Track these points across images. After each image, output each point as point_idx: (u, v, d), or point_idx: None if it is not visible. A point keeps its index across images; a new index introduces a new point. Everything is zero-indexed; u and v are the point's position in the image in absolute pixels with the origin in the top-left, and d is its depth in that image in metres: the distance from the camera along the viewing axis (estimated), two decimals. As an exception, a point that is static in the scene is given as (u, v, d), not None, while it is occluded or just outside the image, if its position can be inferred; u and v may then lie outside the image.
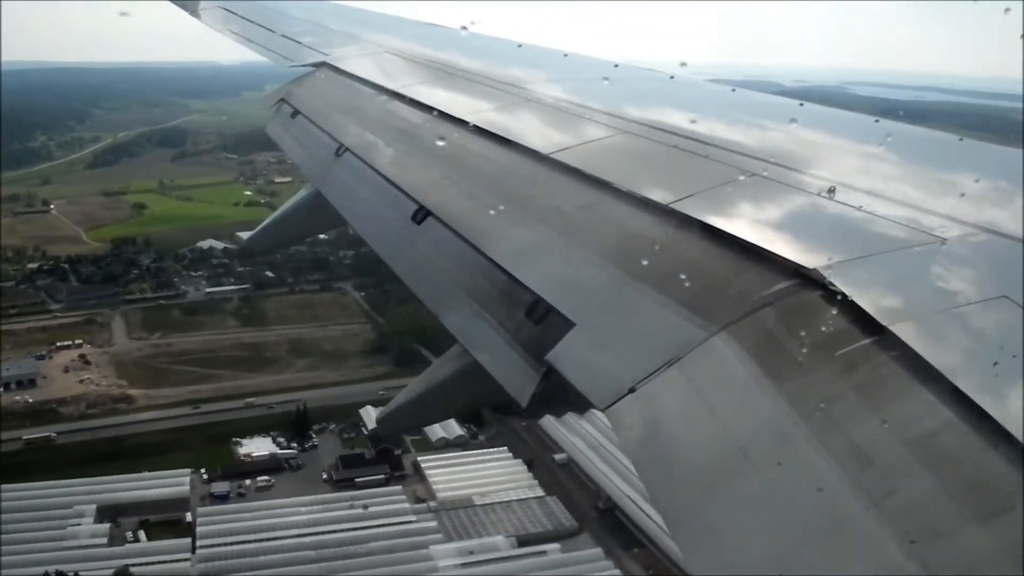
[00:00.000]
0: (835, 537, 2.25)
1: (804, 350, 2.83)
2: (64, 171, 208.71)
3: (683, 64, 6.93)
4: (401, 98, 6.81)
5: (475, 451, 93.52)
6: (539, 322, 3.77)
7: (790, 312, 3.04)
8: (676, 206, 3.88)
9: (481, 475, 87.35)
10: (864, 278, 3.10)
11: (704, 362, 2.98)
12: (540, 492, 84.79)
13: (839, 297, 2.96)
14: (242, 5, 12.61)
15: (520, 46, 8.83)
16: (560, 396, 3.65)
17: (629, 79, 7.38)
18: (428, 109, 6.31)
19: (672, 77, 7.00)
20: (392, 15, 12.91)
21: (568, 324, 3.51)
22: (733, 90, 6.66)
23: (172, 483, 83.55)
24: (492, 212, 4.66)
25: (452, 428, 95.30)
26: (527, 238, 4.33)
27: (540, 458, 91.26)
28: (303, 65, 8.89)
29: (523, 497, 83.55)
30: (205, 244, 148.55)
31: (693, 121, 5.21)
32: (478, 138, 5.51)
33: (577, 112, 5.74)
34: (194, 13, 13.02)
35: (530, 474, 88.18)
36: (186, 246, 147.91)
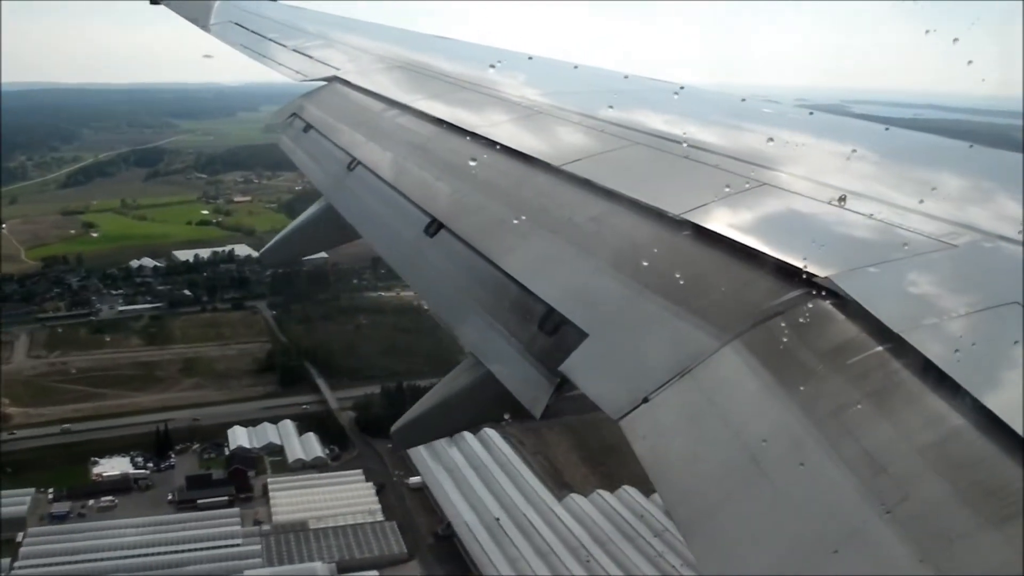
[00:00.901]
0: (849, 544, 2.26)
1: (816, 358, 2.84)
2: (35, 191, 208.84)
3: (681, 88, 6.93)
4: (413, 111, 6.86)
5: (328, 473, 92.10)
6: (552, 333, 3.80)
7: (802, 321, 3.05)
8: (687, 216, 3.90)
9: (325, 498, 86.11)
10: (875, 286, 3.11)
11: (717, 371, 3.00)
12: (380, 517, 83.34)
13: (850, 305, 2.97)
14: (253, 19, 12.71)
15: (531, 58, 8.88)
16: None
17: (641, 90, 7.41)
18: (439, 122, 6.36)
19: (682, 88, 7.03)
20: (402, 28, 13.01)
21: (581, 335, 3.53)
22: (743, 100, 6.68)
23: (12, 503, 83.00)
24: (505, 224, 4.69)
25: (312, 449, 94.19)
26: (540, 249, 4.35)
27: (394, 482, 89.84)
28: (315, 80, 8.96)
29: (359, 522, 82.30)
30: (136, 263, 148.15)
31: (702, 130, 5.23)
32: (490, 150, 5.55)
33: (590, 124, 5.77)
34: (205, 28, 13.14)
35: (376, 498, 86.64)
36: (121, 264, 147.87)
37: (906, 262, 3.29)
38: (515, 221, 4.64)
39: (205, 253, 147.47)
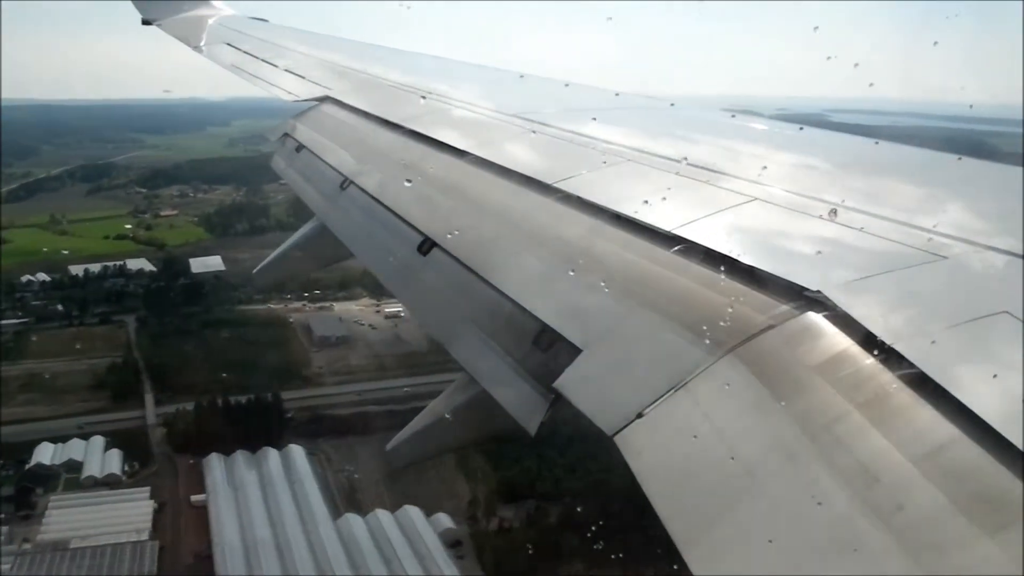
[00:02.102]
0: (845, 555, 2.27)
1: (809, 371, 2.85)
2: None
3: (672, 105, 7.02)
4: (403, 130, 6.89)
5: (115, 491, 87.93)
6: (546, 350, 3.80)
7: (794, 334, 3.06)
8: (679, 232, 3.92)
9: (98, 517, 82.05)
10: (867, 298, 3.13)
11: (710, 385, 3.01)
12: (145, 537, 79.46)
13: (842, 317, 2.99)
14: (245, 40, 12.77)
15: (522, 76, 8.93)
16: None
17: (632, 108, 7.46)
18: (430, 141, 6.38)
19: (672, 105, 7.08)
20: (394, 48, 13.08)
21: (575, 351, 3.54)
22: (733, 116, 6.72)
23: None
24: (497, 241, 4.70)
25: (110, 465, 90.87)
26: (533, 267, 4.37)
27: (179, 500, 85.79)
28: (306, 100, 8.99)
29: (121, 541, 78.16)
30: (27, 278, 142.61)
31: (704, 152, 5.26)
32: (481, 169, 5.57)
33: (584, 143, 5.80)
34: (197, 49, 13.19)
35: (151, 517, 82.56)
36: (15, 280, 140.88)
37: (897, 274, 3.31)
38: (508, 238, 4.66)
39: (96, 268, 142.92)
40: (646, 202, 4.43)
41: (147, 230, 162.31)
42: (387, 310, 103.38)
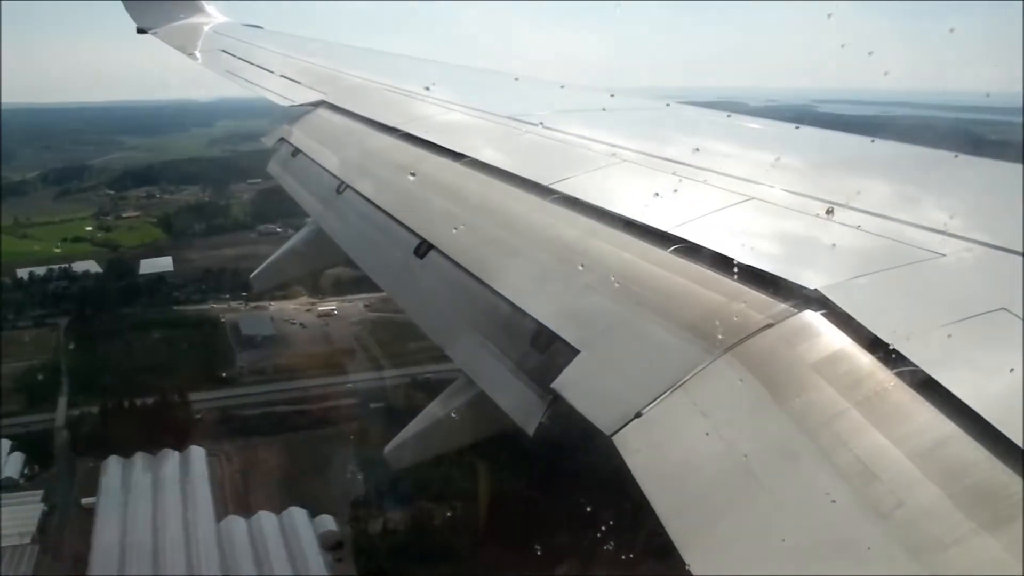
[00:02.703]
0: (844, 553, 2.26)
1: (808, 369, 2.85)
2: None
3: (667, 105, 7.02)
4: (399, 134, 6.89)
5: (8, 494, 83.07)
6: (544, 351, 3.80)
7: (792, 332, 3.06)
8: (676, 231, 3.92)
9: None
10: (865, 296, 3.13)
11: (709, 385, 3.01)
12: (27, 540, 75.69)
13: (841, 316, 2.99)
14: (240, 47, 12.78)
15: (517, 79, 8.94)
16: None
17: (627, 109, 7.47)
18: (426, 144, 6.39)
19: (667, 104, 7.09)
20: (388, 53, 13.10)
21: (573, 352, 3.54)
22: (728, 115, 6.73)
23: None
24: (494, 243, 4.70)
25: (8, 468, 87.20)
26: (530, 268, 4.36)
27: (70, 504, 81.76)
28: (302, 105, 8.99)
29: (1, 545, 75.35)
30: None
31: (696, 150, 5.26)
32: (477, 171, 5.58)
33: (580, 145, 5.81)
34: (193, 57, 13.20)
35: (38, 521, 78.89)
36: None
37: (894, 272, 3.31)
38: (504, 240, 4.66)
39: (42, 271, 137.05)
40: (643, 202, 4.43)
41: (107, 232, 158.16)
42: (320, 309, 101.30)
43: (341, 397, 76.26)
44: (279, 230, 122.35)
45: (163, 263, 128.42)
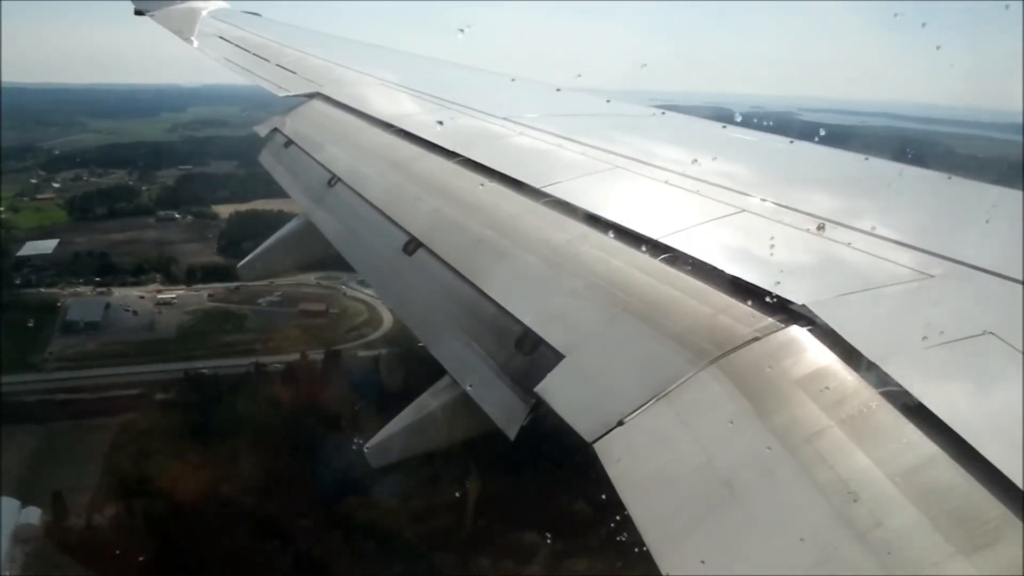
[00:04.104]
0: (821, 569, 2.25)
1: (792, 385, 2.84)
2: None
3: (663, 113, 7.02)
4: (393, 129, 6.87)
5: None
6: (528, 354, 3.78)
7: (778, 347, 3.06)
8: (666, 240, 3.91)
9: None
10: (852, 314, 3.13)
11: (692, 396, 3.00)
12: None
13: (826, 333, 2.99)
14: (238, 34, 12.71)
15: (513, 80, 8.92)
16: None
17: (623, 115, 7.46)
18: (418, 140, 6.37)
19: (663, 112, 7.09)
20: (385, 47, 13.05)
21: (558, 356, 3.52)
22: (723, 126, 6.73)
23: None
24: (482, 244, 4.68)
25: None
26: (517, 270, 4.35)
27: None
28: (296, 95, 8.94)
29: None
30: None
31: (695, 161, 5.26)
32: (469, 171, 5.56)
33: (573, 148, 5.79)
34: (189, 41, 13.11)
35: None
36: None
37: (883, 291, 3.31)
38: (494, 241, 4.64)
39: None
40: (634, 209, 4.42)
41: (15, 212, 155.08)
42: (160, 296, 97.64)
43: (127, 388, 72.94)
44: (177, 216, 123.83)
45: (45, 245, 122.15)
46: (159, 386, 71.02)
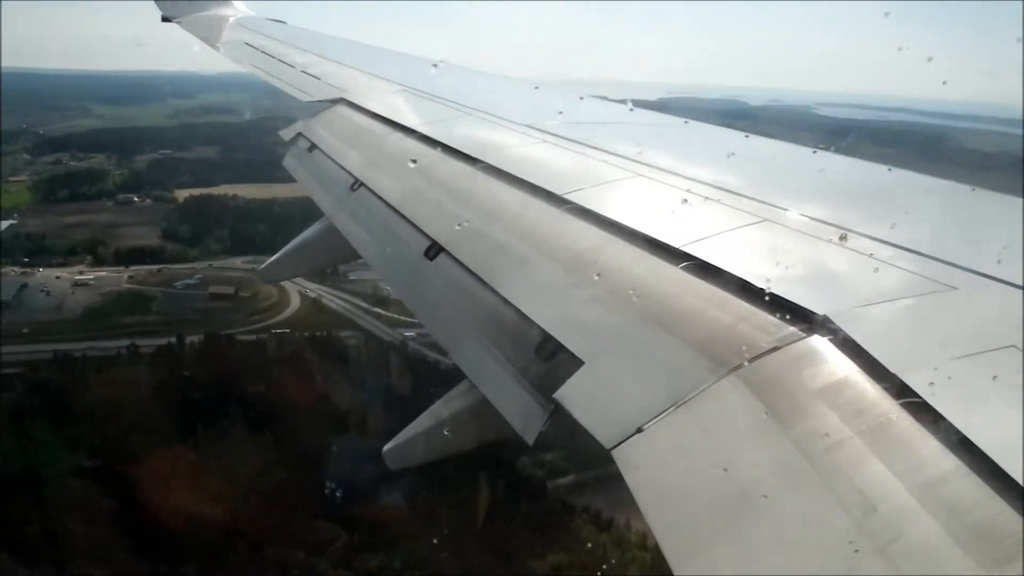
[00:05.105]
0: None
1: (812, 395, 2.83)
2: None
3: (686, 123, 7.00)
4: (416, 135, 6.91)
5: None
6: (548, 360, 3.79)
7: (798, 357, 3.05)
8: (687, 249, 3.91)
9: None
10: (873, 325, 3.11)
11: (712, 404, 2.99)
12: None
13: (848, 343, 2.97)
14: (264, 41, 12.84)
15: (536, 88, 8.95)
16: None
17: (648, 123, 7.47)
18: (442, 147, 6.40)
19: (686, 123, 7.08)
20: (409, 54, 13.12)
21: (577, 363, 3.52)
22: (746, 136, 6.72)
23: None
24: (504, 250, 4.70)
25: None
26: (537, 276, 4.36)
27: None
28: (321, 101, 9.02)
29: None
30: None
31: (717, 170, 5.25)
32: (491, 177, 5.58)
33: (595, 155, 5.80)
34: (216, 48, 13.26)
35: None
36: None
37: (905, 302, 3.29)
38: (515, 247, 4.65)
39: None
40: (655, 217, 4.42)
41: None
42: (78, 278, 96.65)
43: (9, 367, 71.42)
44: (136, 200, 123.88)
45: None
46: (42, 367, 70.35)
